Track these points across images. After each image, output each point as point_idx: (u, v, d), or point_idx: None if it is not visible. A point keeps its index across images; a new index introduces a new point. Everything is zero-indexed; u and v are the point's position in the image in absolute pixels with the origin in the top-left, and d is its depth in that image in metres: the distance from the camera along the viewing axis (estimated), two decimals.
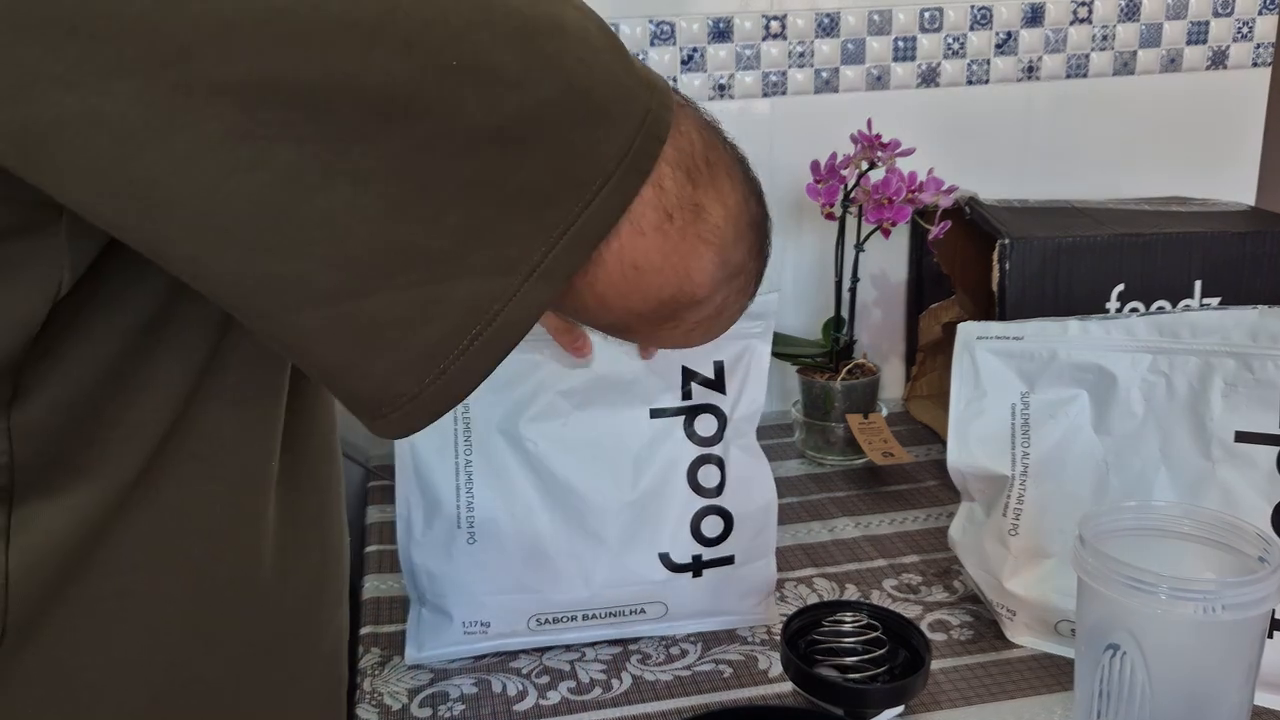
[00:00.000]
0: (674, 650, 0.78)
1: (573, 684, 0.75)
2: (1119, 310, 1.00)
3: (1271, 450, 0.70)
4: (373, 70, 0.31)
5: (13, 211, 0.30)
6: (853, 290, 1.10)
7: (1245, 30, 1.24)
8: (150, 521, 0.42)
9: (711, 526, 0.78)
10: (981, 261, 1.03)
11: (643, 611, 0.78)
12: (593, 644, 0.79)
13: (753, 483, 0.79)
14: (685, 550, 0.78)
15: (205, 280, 0.33)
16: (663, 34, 1.12)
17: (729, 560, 0.79)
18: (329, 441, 0.55)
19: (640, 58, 1.11)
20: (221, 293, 0.33)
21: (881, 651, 0.70)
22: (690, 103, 0.42)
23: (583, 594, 0.77)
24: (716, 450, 0.78)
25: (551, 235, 0.35)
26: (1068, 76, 1.22)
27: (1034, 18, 1.19)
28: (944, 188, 1.04)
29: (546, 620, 0.77)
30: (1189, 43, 1.24)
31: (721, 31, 1.13)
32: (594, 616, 0.78)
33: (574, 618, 0.77)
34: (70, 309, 0.37)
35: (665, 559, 0.77)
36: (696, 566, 0.78)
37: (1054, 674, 0.74)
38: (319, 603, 0.54)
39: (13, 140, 0.29)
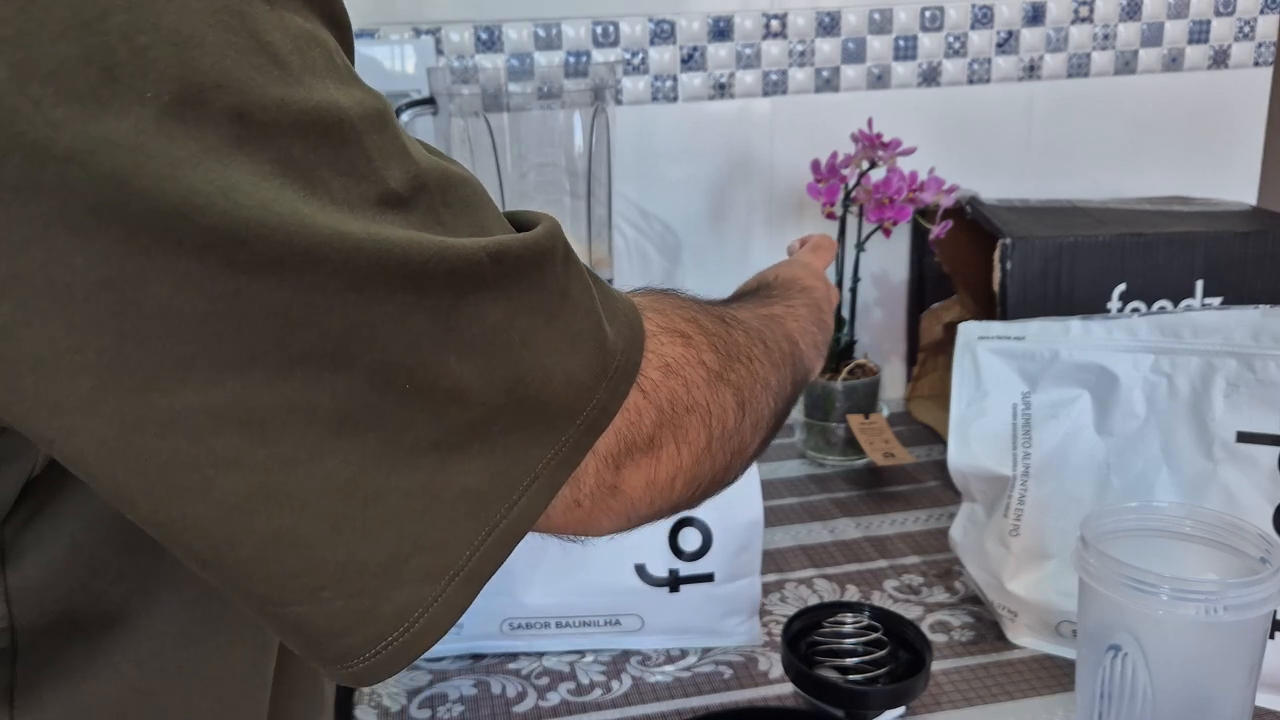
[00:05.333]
0: (674, 651, 0.78)
1: (572, 685, 0.74)
2: (1120, 310, 1.00)
3: (1273, 450, 0.69)
4: (330, 392, 0.30)
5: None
6: (853, 290, 1.10)
7: (1246, 30, 1.24)
8: (163, 679, 0.41)
9: (688, 540, 0.76)
10: (983, 261, 1.03)
11: (618, 623, 0.77)
12: (585, 650, 0.79)
13: (736, 497, 0.75)
14: (662, 563, 0.76)
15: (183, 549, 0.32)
16: (663, 33, 1.11)
17: (708, 578, 0.77)
18: None
19: (639, 57, 1.11)
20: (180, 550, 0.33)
21: (882, 653, 0.70)
22: (700, 336, 0.43)
23: (549, 600, 0.76)
24: None
25: (476, 540, 0.35)
26: (1069, 76, 1.22)
27: (1035, 17, 1.19)
28: (945, 187, 1.04)
29: (520, 625, 0.76)
30: (1190, 42, 1.23)
31: (722, 30, 1.13)
32: (567, 624, 0.77)
33: (546, 624, 0.77)
34: (52, 475, 0.36)
35: (641, 571, 0.76)
36: (673, 582, 0.77)
37: (1055, 675, 0.73)
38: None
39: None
